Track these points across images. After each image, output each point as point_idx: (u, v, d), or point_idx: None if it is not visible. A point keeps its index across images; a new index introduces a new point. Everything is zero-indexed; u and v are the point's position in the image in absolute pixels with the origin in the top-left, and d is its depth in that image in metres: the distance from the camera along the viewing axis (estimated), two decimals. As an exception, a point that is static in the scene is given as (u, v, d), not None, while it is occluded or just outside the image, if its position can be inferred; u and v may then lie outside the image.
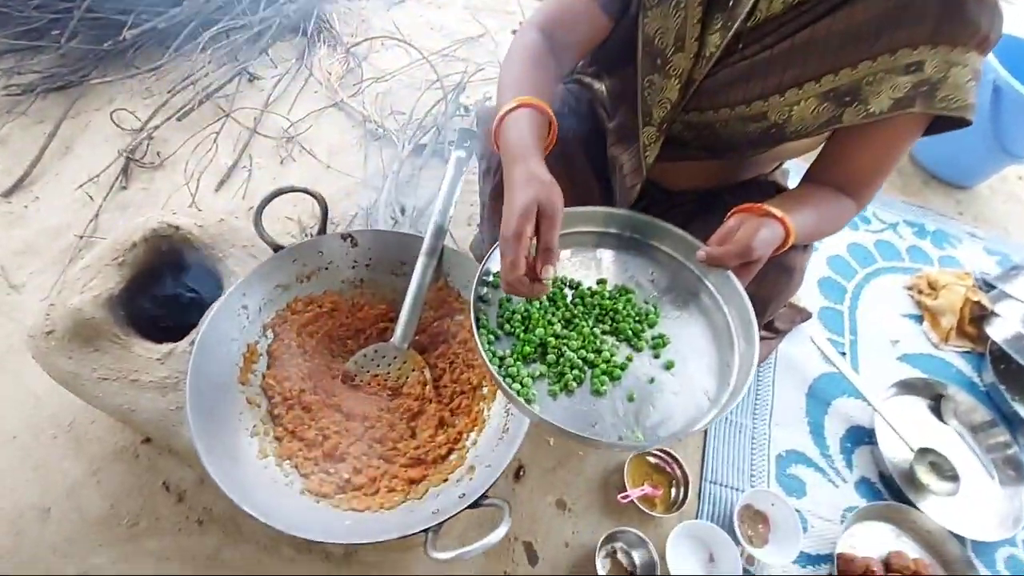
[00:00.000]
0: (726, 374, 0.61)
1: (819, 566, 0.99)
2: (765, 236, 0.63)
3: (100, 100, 1.39)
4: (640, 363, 0.63)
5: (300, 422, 0.66)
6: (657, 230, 0.72)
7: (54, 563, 0.83)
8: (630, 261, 0.72)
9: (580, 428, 0.56)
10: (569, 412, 0.58)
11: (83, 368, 0.72)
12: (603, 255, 0.72)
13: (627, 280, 0.70)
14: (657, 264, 0.72)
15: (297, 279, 0.73)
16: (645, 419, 0.58)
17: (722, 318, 0.66)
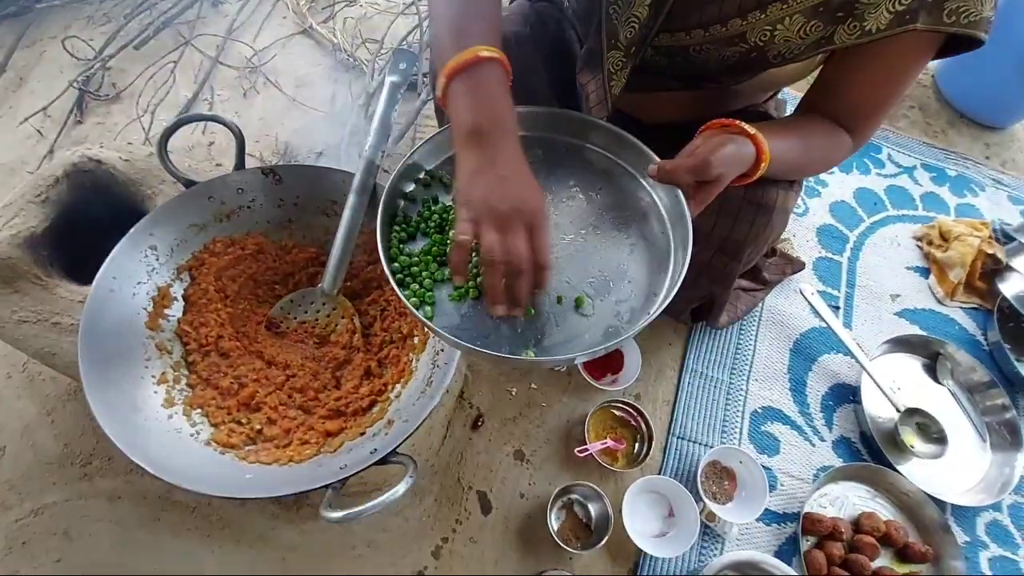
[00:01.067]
0: (650, 302, 0.56)
1: (785, 524, 0.96)
2: (729, 152, 0.55)
3: (55, 28, 1.32)
4: (556, 282, 0.58)
5: (216, 369, 0.63)
6: (614, 140, 0.65)
7: (10, 499, 0.84)
8: (578, 171, 0.65)
9: (471, 338, 0.52)
10: (467, 320, 0.54)
11: (3, 310, 0.69)
12: (550, 162, 0.66)
13: (568, 191, 0.64)
14: (607, 178, 0.65)
15: (215, 218, 0.67)
16: (545, 338, 0.54)
17: (665, 243, 0.60)
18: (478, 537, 0.89)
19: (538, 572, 0.86)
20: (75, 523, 0.84)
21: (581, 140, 0.67)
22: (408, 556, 0.86)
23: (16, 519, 0.83)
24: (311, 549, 0.85)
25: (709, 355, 1.11)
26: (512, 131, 0.54)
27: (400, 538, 0.87)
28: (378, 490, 0.88)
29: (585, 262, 0.59)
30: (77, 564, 0.81)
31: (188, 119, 0.63)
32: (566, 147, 0.67)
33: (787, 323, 1.16)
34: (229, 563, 0.83)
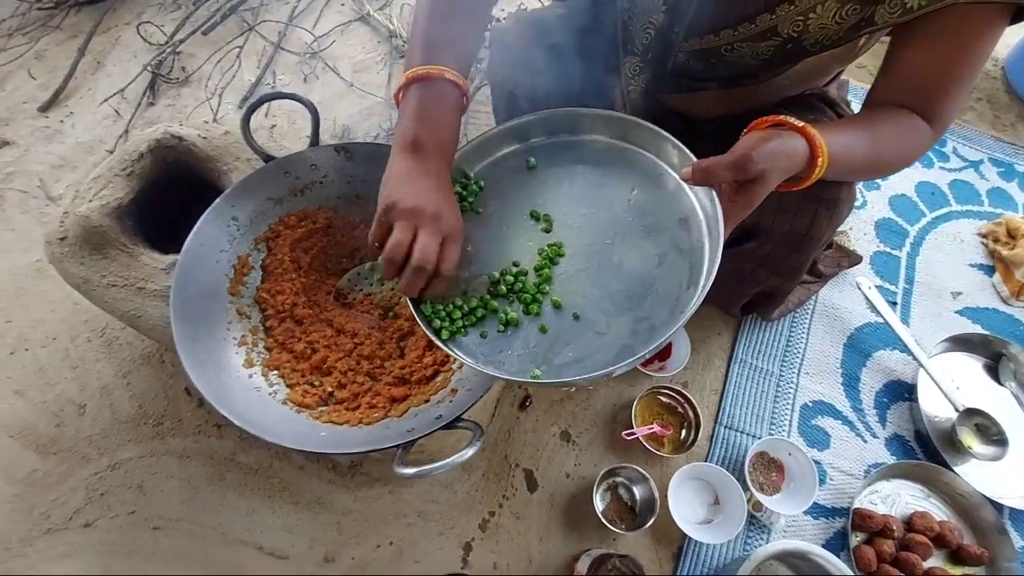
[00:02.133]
0: (676, 318, 0.51)
1: (833, 519, 0.95)
2: (774, 147, 0.50)
3: (130, 14, 1.39)
4: (573, 297, 0.56)
5: (291, 335, 0.66)
6: (654, 139, 0.60)
7: (90, 453, 0.91)
8: (612, 175, 0.61)
9: (486, 357, 0.52)
10: (486, 340, 0.54)
11: (93, 274, 0.74)
12: (582, 166, 0.63)
13: (598, 194, 0.61)
14: (646, 181, 0.60)
15: (290, 192, 0.71)
16: (554, 356, 0.52)
17: (700, 255, 0.54)
18: (523, 513, 0.91)
19: (583, 550, 0.88)
20: (148, 478, 0.89)
21: (620, 140, 0.63)
22: (456, 527, 0.89)
23: (95, 472, 0.89)
24: (365, 514, 0.89)
25: (759, 346, 1.09)
26: (448, 156, 0.56)
27: (449, 509, 0.90)
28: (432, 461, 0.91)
29: (607, 275, 0.55)
30: (149, 516, 0.87)
31: (270, 96, 0.66)
32: (605, 147, 0.63)
33: (841, 317, 1.13)
34: (289, 522, 0.87)
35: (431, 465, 0.49)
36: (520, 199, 0.61)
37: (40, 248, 1.07)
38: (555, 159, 0.63)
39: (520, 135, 0.63)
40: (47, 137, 1.20)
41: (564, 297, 0.56)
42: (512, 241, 0.59)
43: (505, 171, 0.64)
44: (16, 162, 1.16)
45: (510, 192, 0.62)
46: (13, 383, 0.95)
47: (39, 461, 0.90)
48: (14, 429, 0.92)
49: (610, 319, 0.53)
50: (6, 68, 1.28)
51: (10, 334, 0.99)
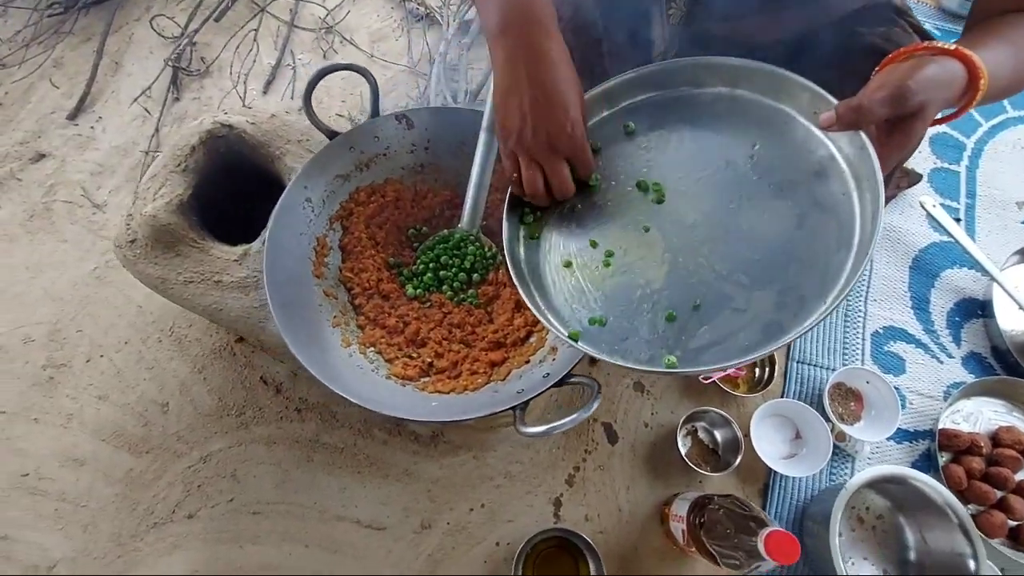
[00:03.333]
0: (828, 286, 0.44)
1: (917, 442, 0.94)
2: (932, 74, 0.44)
3: (138, 9, 1.35)
4: (702, 273, 0.50)
5: (380, 310, 0.66)
6: (774, 83, 0.53)
7: (181, 448, 0.93)
8: (725, 130, 0.54)
9: (610, 346, 0.47)
10: (606, 329, 0.50)
11: (169, 273, 0.74)
12: (689, 124, 0.56)
13: (714, 153, 0.54)
14: (766, 132, 0.52)
15: (356, 167, 0.69)
16: (689, 339, 0.46)
17: (848, 208, 0.46)
18: (607, 465, 0.92)
19: (670, 495, 0.89)
20: (240, 466, 0.92)
21: (730, 87, 0.55)
22: (543, 484, 0.91)
23: (189, 466, 0.92)
24: (452, 480, 0.91)
25: (822, 278, 1.07)
26: (548, 24, 0.49)
27: (533, 468, 0.92)
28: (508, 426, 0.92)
29: (737, 244, 0.49)
30: (247, 502, 0.90)
31: (329, 69, 0.64)
32: (712, 99, 0.55)
33: (904, 240, 1.10)
34: (381, 495, 0.89)
35: (559, 422, 0.49)
36: (623, 170, 0.55)
37: (96, 256, 1.08)
38: (655, 120, 0.57)
39: (609, 99, 0.57)
40: (80, 145, 1.19)
41: (690, 273, 0.49)
42: (620, 219, 0.54)
43: (599, 141, 0.58)
44: (55, 173, 1.16)
45: (609, 164, 0.56)
46: (95, 389, 0.98)
47: (133, 461, 0.93)
48: (105, 433, 0.94)
49: (749, 293, 0.47)
50: (28, 80, 1.26)
51: (83, 343, 1.01)
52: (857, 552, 0.85)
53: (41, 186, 1.15)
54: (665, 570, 0.86)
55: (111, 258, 1.08)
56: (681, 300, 0.49)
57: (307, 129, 0.82)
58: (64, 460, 0.93)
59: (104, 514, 0.89)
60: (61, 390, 0.98)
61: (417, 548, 0.87)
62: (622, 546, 0.87)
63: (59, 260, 1.08)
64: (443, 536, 0.87)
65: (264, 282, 0.56)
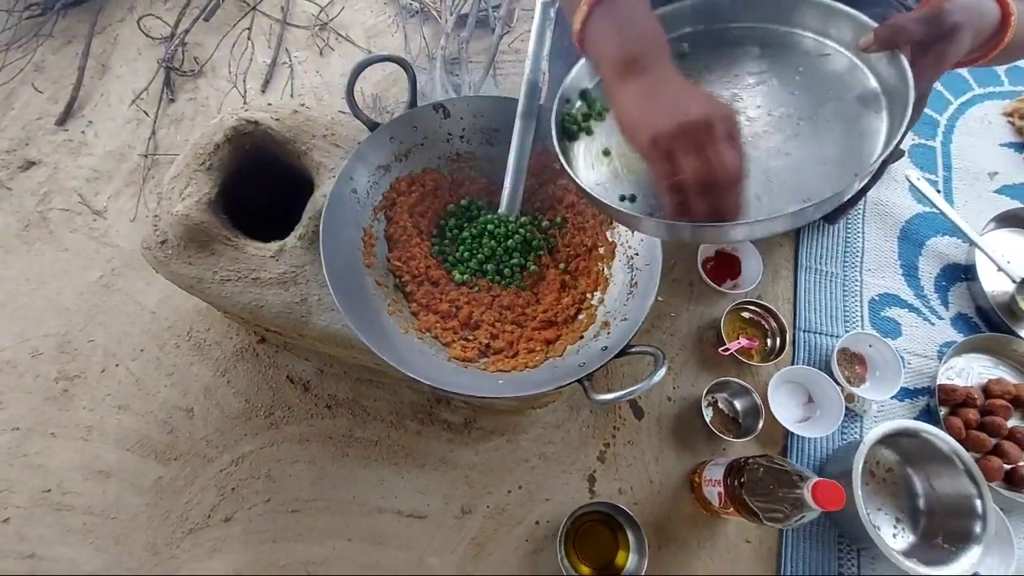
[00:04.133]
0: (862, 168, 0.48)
1: (917, 399, 1.01)
2: (967, 3, 0.47)
3: (121, 10, 1.31)
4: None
5: (432, 296, 0.67)
6: (815, 16, 0.56)
7: (210, 453, 0.92)
8: (773, 58, 0.57)
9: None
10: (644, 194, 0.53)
11: (205, 272, 0.73)
12: (739, 50, 0.59)
13: (765, 77, 0.57)
14: (809, 60, 0.56)
15: (396, 158, 0.70)
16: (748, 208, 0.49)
17: (877, 127, 0.50)
18: (636, 440, 0.96)
19: (698, 463, 0.93)
20: (274, 466, 0.91)
21: (776, 24, 0.58)
22: (576, 462, 0.93)
23: (220, 469, 0.91)
24: (488, 465, 0.93)
25: (820, 251, 1.13)
26: (667, 53, 0.49)
27: (565, 448, 0.94)
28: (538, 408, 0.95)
29: (779, 139, 0.53)
30: (284, 500, 0.89)
31: (370, 61, 0.64)
32: (762, 34, 0.59)
33: (891, 212, 1.18)
34: (419, 484, 0.90)
35: (630, 389, 0.52)
36: None
37: (101, 264, 1.05)
38: (707, 47, 0.60)
39: (665, 25, 0.58)
40: (72, 151, 1.15)
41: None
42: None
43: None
44: (48, 181, 1.12)
45: None
46: (114, 400, 0.95)
47: (162, 469, 0.91)
48: (129, 442, 0.92)
49: (798, 177, 0.51)
50: (9, 86, 1.21)
51: (96, 353, 0.98)
52: (872, 504, 0.91)
53: (34, 195, 1.11)
54: (698, 534, 0.90)
55: (117, 265, 1.05)
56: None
57: (330, 123, 0.83)
58: (88, 473, 0.90)
59: (136, 524, 0.88)
60: (77, 402, 0.95)
61: (460, 533, 0.88)
62: (656, 515, 0.91)
63: (61, 270, 1.05)
64: (484, 519, 0.89)
65: (325, 274, 0.57)
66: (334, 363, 0.97)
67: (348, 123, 0.83)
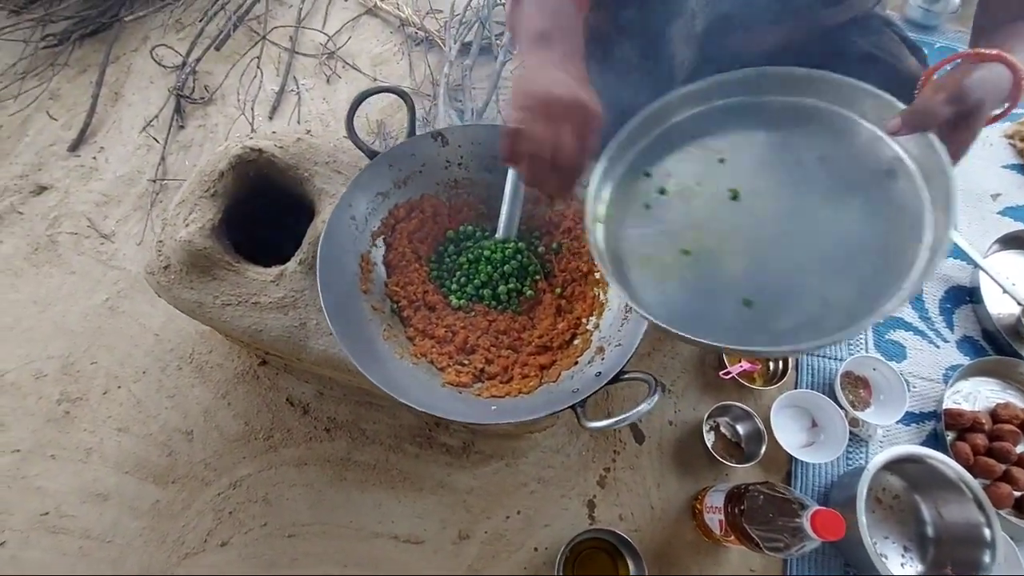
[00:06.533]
0: (902, 276, 0.46)
1: (924, 423, 0.99)
2: (981, 76, 0.48)
3: (135, 40, 1.35)
4: (782, 264, 0.52)
5: (428, 321, 0.67)
6: (841, 92, 0.56)
7: (208, 476, 0.92)
8: (794, 134, 0.57)
9: (688, 325, 0.48)
10: (681, 307, 0.51)
11: (206, 297, 0.75)
12: (759, 129, 0.59)
13: (789, 156, 0.57)
14: (834, 134, 0.56)
15: (395, 185, 0.71)
16: (774, 323, 0.49)
17: (918, 204, 0.49)
18: (636, 465, 0.94)
19: (699, 489, 0.92)
20: (271, 490, 0.91)
21: (798, 96, 0.59)
22: (576, 487, 0.92)
23: (218, 493, 0.91)
24: (487, 489, 0.92)
25: (821, 274, 1.13)
26: (577, 39, 0.53)
27: (565, 472, 0.93)
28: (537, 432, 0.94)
29: (816, 238, 0.52)
30: (281, 525, 0.89)
31: (369, 92, 0.66)
32: (781, 108, 0.59)
33: (893, 235, 1.17)
34: (417, 509, 0.90)
35: (618, 417, 0.51)
36: (694, 173, 0.59)
37: (107, 286, 1.07)
38: (726, 126, 0.60)
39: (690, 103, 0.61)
40: (83, 176, 1.18)
41: (770, 263, 0.52)
42: (694, 216, 0.57)
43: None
44: (59, 205, 1.14)
45: (681, 167, 0.60)
46: (114, 422, 0.96)
47: (159, 492, 0.91)
48: (128, 465, 0.92)
49: (828, 283, 0.50)
50: (24, 113, 1.24)
51: (99, 375, 0.99)
52: (878, 532, 0.89)
53: (44, 219, 1.13)
54: (700, 562, 0.88)
55: (123, 288, 1.07)
56: (759, 288, 0.51)
57: (332, 151, 0.84)
58: (86, 496, 0.91)
59: (132, 548, 0.87)
60: (78, 424, 0.96)
61: (457, 559, 0.87)
62: (657, 542, 0.89)
63: (68, 292, 1.06)
64: (482, 545, 0.88)
65: (321, 300, 0.57)
66: (334, 385, 0.98)
67: (350, 150, 0.85)
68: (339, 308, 0.60)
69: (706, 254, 0.55)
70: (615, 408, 0.98)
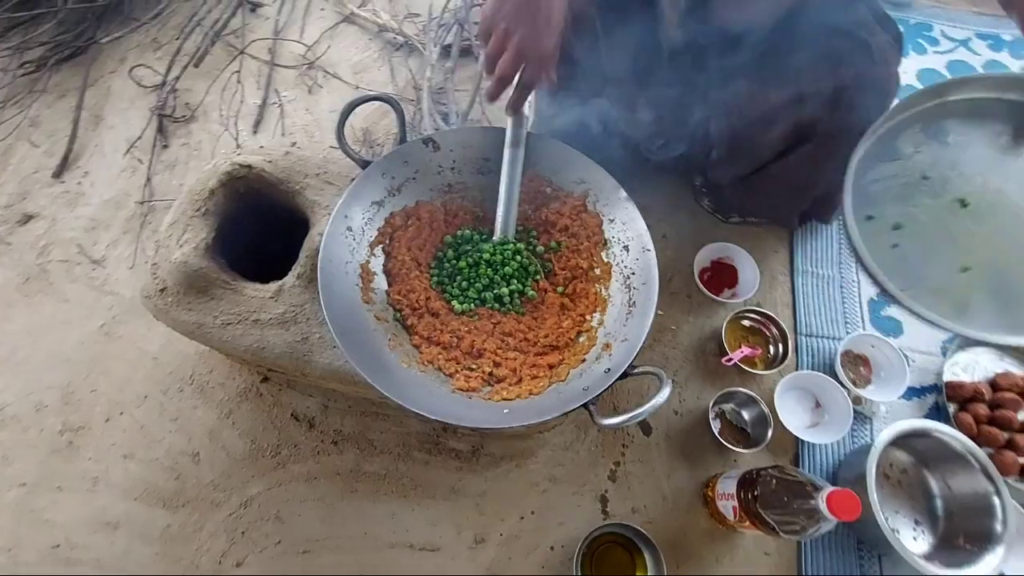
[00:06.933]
0: None
1: (925, 397, 1.01)
2: None
3: (112, 62, 1.34)
4: None
5: (433, 328, 0.67)
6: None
7: (218, 497, 0.91)
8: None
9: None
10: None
11: (205, 317, 0.74)
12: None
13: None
14: None
15: (389, 193, 0.71)
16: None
17: None
18: (645, 457, 0.95)
19: (709, 476, 0.92)
20: (283, 507, 0.90)
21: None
22: (587, 483, 0.93)
23: (229, 513, 0.90)
24: (499, 492, 0.92)
25: (815, 254, 1.14)
26: None
27: (576, 469, 0.94)
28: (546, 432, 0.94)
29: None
30: (295, 541, 0.88)
31: (358, 102, 0.66)
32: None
33: (883, 212, 1.18)
34: (430, 516, 0.89)
35: (636, 411, 0.51)
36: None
37: (102, 312, 1.06)
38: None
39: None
40: (69, 202, 1.16)
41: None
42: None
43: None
44: (47, 234, 1.13)
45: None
46: (118, 448, 0.95)
47: (170, 516, 0.90)
48: (136, 491, 0.92)
49: None
50: (5, 143, 1.23)
51: (100, 402, 0.98)
52: (888, 507, 0.90)
53: (33, 248, 1.12)
54: (715, 549, 0.88)
55: (118, 313, 1.05)
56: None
57: (322, 162, 0.84)
58: (96, 525, 0.90)
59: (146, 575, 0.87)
60: (83, 454, 0.95)
61: (474, 563, 0.87)
62: (671, 532, 0.90)
63: (62, 320, 1.05)
64: (498, 548, 0.88)
65: (324, 314, 0.57)
66: (338, 398, 0.97)
67: (340, 160, 0.84)
68: (343, 321, 0.59)
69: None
70: (620, 403, 0.98)
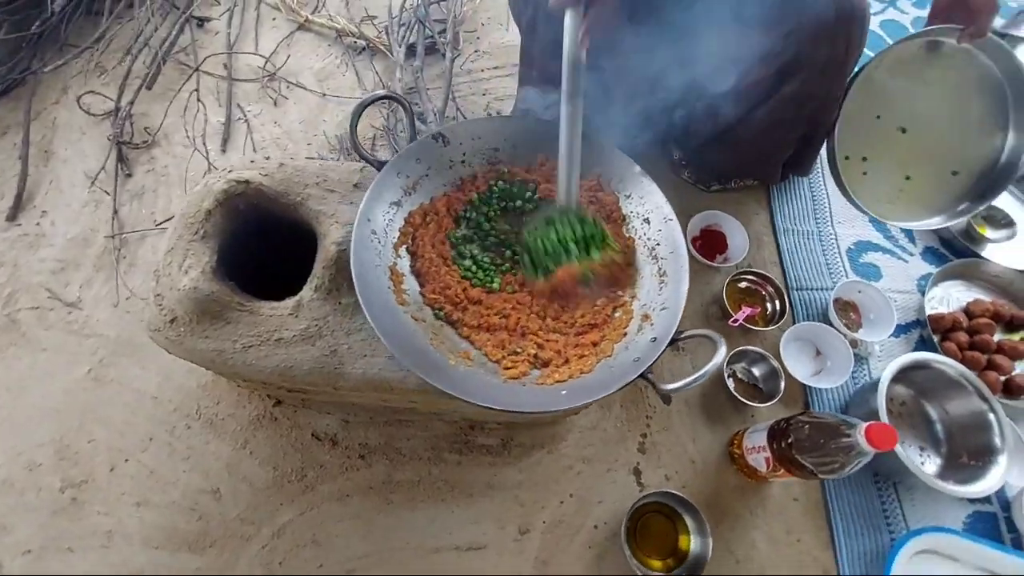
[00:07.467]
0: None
1: (911, 332, 1.08)
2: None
3: (54, 92, 1.25)
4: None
5: (480, 316, 0.67)
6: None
7: (247, 531, 0.87)
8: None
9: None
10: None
11: (224, 343, 0.70)
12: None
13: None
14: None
15: (405, 192, 0.70)
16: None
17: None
18: (669, 425, 0.98)
19: (733, 433, 0.96)
20: (318, 530, 0.88)
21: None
22: (619, 459, 0.95)
23: (262, 546, 0.87)
24: (535, 480, 0.92)
25: (793, 212, 1.20)
26: None
27: (605, 446, 0.95)
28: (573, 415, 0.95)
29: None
30: (338, 562, 0.86)
31: (367, 102, 0.64)
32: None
33: (848, 166, 1.25)
34: (471, 515, 0.89)
35: (698, 373, 0.53)
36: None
37: (86, 357, 0.99)
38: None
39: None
40: (30, 245, 1.08)
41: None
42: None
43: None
44: (10, 281, 1.04)
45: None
46: (129, 497, 0.89)
47: (198, 559, 0.86)
48: (156, 539, 0.87)
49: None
50: (-56, 189, 1.12)
51: (100, 452, 0.92)
52: (895, 438, 0.96)
53: (-4, 299, 1.03)
54: (747, 503, 0.92)
55: (104, 355, 0.99)
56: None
57: (320, 170, 0.81)
58: (117, 581, 0.84)
59: (182, 623, 0.82)
60: (89, 509, 0.88)
61: (522, 555, 0.87)
62: (704, 493, 0.93)
63: (43, 372, 0.97)
64: (543, 536, 0.89)
65: (371, 322, 0.55)
66: (358, 411, 0.95)
67: (337, 167, 0.82)
68: (386, 328, 0.58)
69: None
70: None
